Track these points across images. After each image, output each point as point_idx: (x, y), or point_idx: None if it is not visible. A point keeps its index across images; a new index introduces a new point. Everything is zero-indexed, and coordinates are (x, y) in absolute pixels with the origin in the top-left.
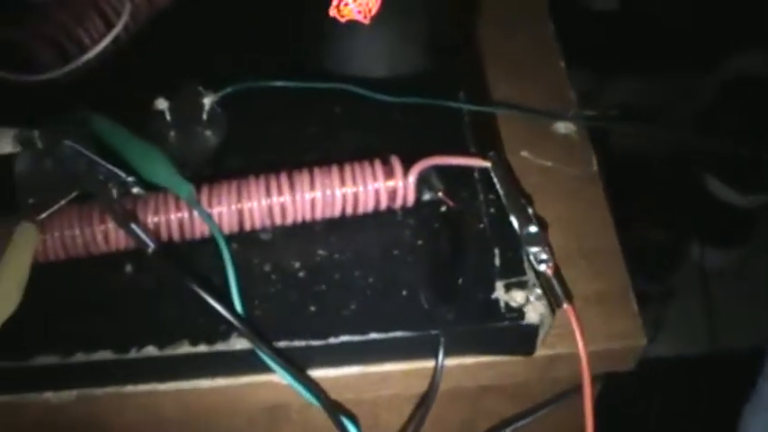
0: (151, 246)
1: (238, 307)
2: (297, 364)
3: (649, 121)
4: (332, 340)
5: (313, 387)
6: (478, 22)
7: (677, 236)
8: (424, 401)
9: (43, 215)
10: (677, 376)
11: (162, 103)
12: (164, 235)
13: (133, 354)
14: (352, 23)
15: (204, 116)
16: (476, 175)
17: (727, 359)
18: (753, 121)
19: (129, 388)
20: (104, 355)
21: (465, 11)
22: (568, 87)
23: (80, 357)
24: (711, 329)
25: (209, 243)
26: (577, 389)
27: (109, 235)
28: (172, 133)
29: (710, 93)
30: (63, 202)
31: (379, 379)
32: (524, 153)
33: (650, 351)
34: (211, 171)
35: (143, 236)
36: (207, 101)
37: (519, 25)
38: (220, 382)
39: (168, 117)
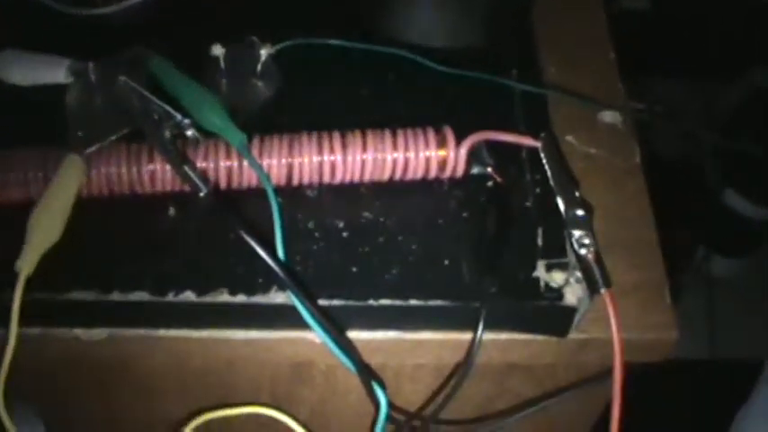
0: (204, 189)
1: (282, 259)
2: (335, 324)
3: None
4: (372, 302)
5: (348, 348)
6: (536, 5)
7: (687, 241)
8: (459, 373)
9: (92, 149)
10: (673, 380)
11: (218, 50)
12: (212, 181)
13: (170, 297)
14: None
15: (258, 68)
16: (524, 154)
17: (724, 367)
18: None
19: (162, 332)
20: (141, 295)
21: None
22: (617, 78)
23: (116, 296)
24: (712, 336)
25: (254, 196)
26: (602, 376)
27: (155, 175)
28: (224, 81)
29: (732, 102)
30: (113, 138)
31: (412, 346)
32: (569, 138)
33: None
34: (260, 124)
35: (195, 178)
36: (263, 52)
37: (574, 12)
38: (253, 334)
39: (222, 64)
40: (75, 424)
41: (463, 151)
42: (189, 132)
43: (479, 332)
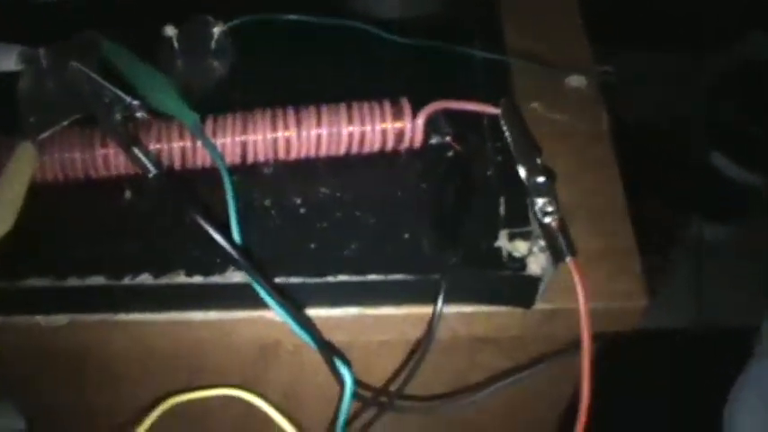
0: (152, 171)
1: (237, 239)
2: (293, 302)
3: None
4: (330, 279)
5: (308, 325)
6: None
7: (677, 208)
8: (421, 347)
9: (44, 135)
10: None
11: (170, 31)
12: (165, 163)
13: (127, 281)
14: None
15: (212, 46)
16: (486, 122)
17: (713, 335)
18: (758, 101)
19: (122, 316)
20: (98, 280)
21: None
22: (584, 43)
23: (73, 281)
24: (701, 304)
25: (209, 174)
26: (574, 347)
27: (109, 159)
28: (178, 62)
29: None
30: (65, 123)
31: (374, 322)
32: (534, 105)
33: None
34: (216, 102)
35: (144, 160)
36: (216, 30)
37: None
38: (213, 315)
39: (176, 45)
40: (51, 413)
41: (420, 122)
42: (139, 114)
43: (439, 305)
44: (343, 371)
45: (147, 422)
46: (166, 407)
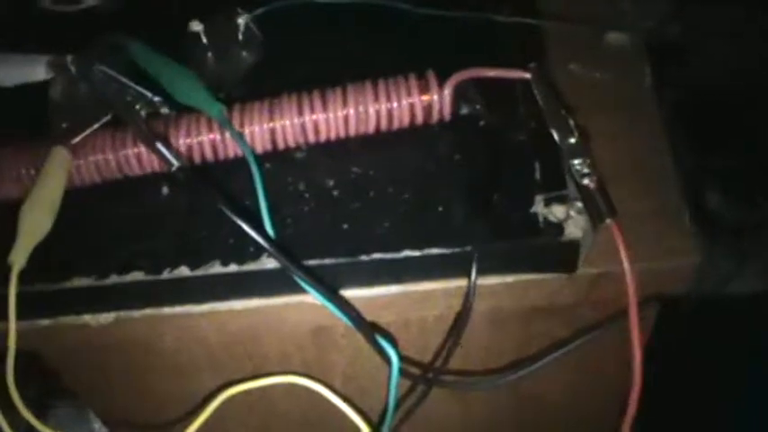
0: (175, 164)
1: (268, 226)
2: (330, 284)
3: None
4: (363, 258)
5: (345, 306)
6: None
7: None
8: (458, 320)
9: (76, 139)
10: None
11: (197, 26)
12: (197, 156)
13: (166, 274)
14: None
15: (240, 37)
16: (518, 88)
17: None
18: None
19: (166, 310)
20: (137, 276)
21: None
22: None
23: (114, 279)
24: None
25: (244, 164)
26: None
27: (142, 157)
28: (208, 55)
29: None
30: (96, 126)
31: (420, 299)
32: (574, 66)
33: (735, 287)
34: (247, 91)
35: (167, 154)
36: (241, 21)
37: None
38: (254, 303)
39: (204, 39)
40: (115, 408)
41: (447, 93)
42: (163, 110)
43: (473, 277)
44: (388, 349)
45: (205, 413)
46: (225, 396)
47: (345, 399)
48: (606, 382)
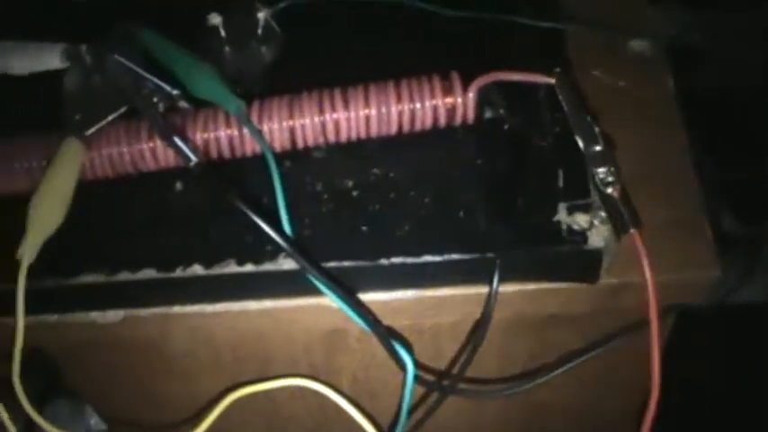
0: (193, 159)
1: (286, 226)
2: (347, 287)
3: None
4: (383, 262)
5: (362, 309)
6: None
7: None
8: (477, 327)
9: (90, 131)
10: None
11: (215, 18)
12: (213, 152)
13: (178, 272)
14: None
15: (259, 31)
16: (541, 93)
17: None
18: None
19: (177, 309)
20: (149, 273)
21: None
22: (645, 3)
23: (125, 276)
24: None
25: (260, 162)
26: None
27: (157, 152)
28: (226, 49)
29: None
30: (110, 118)
31: (436, 304)
32: (596, 72)
33: (739, 297)
34: (266, 88)
35: (185, 149)
36: (261, 15)
37: None
38: (269, 304)
39: (222, 32)
40: (124, 410)
41: (471, 96)
42: (181, 103)
43: (495, 284)
44: (404, 355)
45: (212, 416)
46: (231, 399)
47: (355, 403)
48: (619, 391)
